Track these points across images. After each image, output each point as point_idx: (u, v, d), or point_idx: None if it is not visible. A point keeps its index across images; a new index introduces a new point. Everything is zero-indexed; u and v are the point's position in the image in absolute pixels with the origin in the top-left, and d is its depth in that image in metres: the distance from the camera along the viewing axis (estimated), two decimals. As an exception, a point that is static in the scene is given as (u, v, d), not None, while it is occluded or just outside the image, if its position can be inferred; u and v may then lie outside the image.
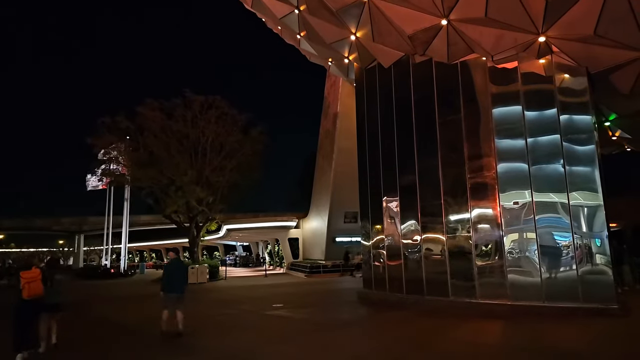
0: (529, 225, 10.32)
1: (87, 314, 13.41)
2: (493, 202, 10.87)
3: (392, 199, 13.23)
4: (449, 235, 11.56)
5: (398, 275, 12.69)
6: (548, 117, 10.45)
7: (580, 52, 10.01)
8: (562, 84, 10.48)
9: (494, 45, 10.72)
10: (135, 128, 28.09)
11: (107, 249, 44.21)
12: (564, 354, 6.58)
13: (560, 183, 10.10)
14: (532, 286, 10.07)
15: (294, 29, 14.72)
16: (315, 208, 36.55)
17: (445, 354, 6.93)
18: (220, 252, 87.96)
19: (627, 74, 10.37)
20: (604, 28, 8.94)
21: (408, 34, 11.53)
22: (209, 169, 28.01)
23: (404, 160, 12.89)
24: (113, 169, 31.32)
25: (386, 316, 10.93)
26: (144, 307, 15.34)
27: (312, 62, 18.19)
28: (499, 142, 10.95)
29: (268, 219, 43.30)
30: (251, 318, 11.59)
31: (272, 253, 52.88)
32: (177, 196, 27.21)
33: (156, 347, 8.11)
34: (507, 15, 9.62)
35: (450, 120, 11.86)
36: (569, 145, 10.18)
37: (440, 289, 11.43)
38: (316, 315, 11.72)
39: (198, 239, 30.03)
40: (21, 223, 60.81)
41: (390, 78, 13.59)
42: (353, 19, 12.29)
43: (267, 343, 8.02)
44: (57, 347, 7.83)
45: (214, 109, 27.66)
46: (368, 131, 14.58)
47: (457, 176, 11.51)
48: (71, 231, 64.86)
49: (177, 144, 27.50)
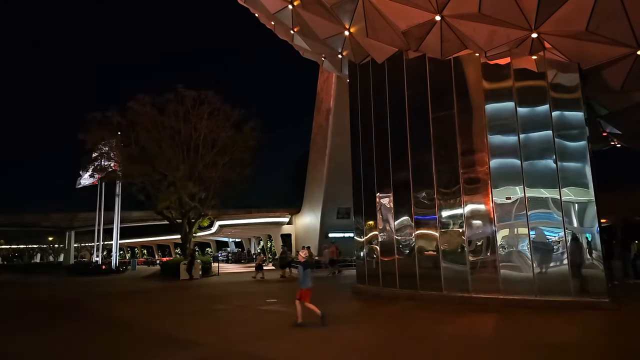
0: (521, 221, 10.43)
1: (80, 308, 13.35)
2: (486, 197, 10.95)
3: (386, 195, 13.28)
4: (442, 230, 11.64)
5: (391, 270, 12.76)
6: (540, 113, 10.54)
7: (572, 49, 10.09)
8: (554, 80, 10.56)
9: (487, 41, 10.77)
10: (126, 123, 27.84)
11: (98, 245, 43.83)
12: (556, 346, 6.66)
13: (552, 179, 10.20)
14: (524, 280, 10.19)
15: (288, 25, 14.65)
16: (308, 204, 36.59)
17: (439, 347, 6.98)
18: (212, 249, 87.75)
19: (618, 70, 10.47)
20: (596, 24, 9.02)
21: (402, 29, 11.53)
22: (202, 165, 27.86)
23: (397, 155, 12.93)
24: (104, 165, 31.03)
25: (380, 310, 10.98)
26: (137, 302, 15.27)
27: (306, 57, 18.14)
28: (491, 138, 11.03)
29: (261, 215, 43.30)
30: (245, 313, 11.59)
31: (264, 249, 52.84)
32: (169, 192, 27.05)
33: (152, 342, 8.09)
34: (500, 11, 9.66)
35: (443, 116, 11.91)
36: (561, 141, 10.28)
37: (434, 283, 11.52)
38: (309, 310, 11.71)
39: (190, 235, 29.87)
40: (10, 219, 60.05)
41: (384, 74, 13.60)
42: (347, 15, 12.26)
43: (262, 338, 8.03)
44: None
45: (206, 104, 27.48)
46: (361, 127, 14.59)
47: (451, 172, 11.59)
48: (61, 227, 64.12)
49: (169, 140, 27.31)
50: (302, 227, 38.94)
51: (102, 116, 27.72)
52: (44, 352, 7.69)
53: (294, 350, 7.09)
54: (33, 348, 8.04)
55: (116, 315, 11.93)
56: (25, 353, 7.70)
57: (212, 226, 46.92)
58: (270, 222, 42.37)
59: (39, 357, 7.46)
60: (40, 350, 7.82)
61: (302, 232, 38.16)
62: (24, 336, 9.22)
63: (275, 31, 16.94)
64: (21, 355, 7.59)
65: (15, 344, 8.50)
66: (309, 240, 34.53)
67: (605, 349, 6.54)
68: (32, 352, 7.73)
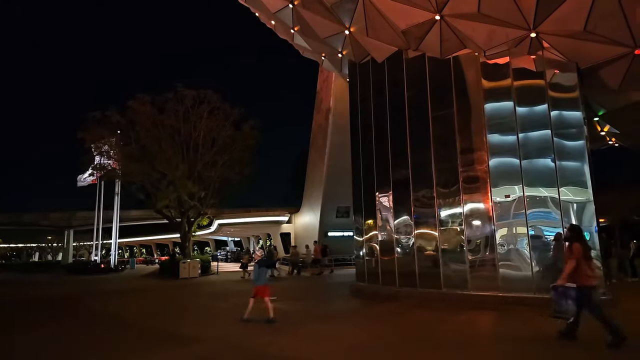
0: (520, 220, 10.49)
1: (78, 307, 13.38)
2: (485, 196, 11.01)
3: (385, 194, 13.33)
4: (441, 229, 11.70)
5: (391, 268, 12.81)
6: (539, 112, 10.60)
7: (571, 48, 10.16)
8: (552, 80, 10.63)
9: (486, 41, 10.83)
10: (126, 122, 27.83)
11: (97, 244, 43.82)
12: (554, 341, 6.72)
13: (551, 178, 10.27)
14: (522, 278, 10.26)
15: (288, 24, 14.70)
16: (308, 203, 36.62)
17: (438, 343, 7.04)
18: (211, 248, 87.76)
19: (615, 70, 10.54)
20: (594, 24, 9.09)
21: (401, 29, 11.59)
22: (201, 164, 27.86)
23: (397, 154, 12.98)
24: (104, 163, 31.04)
25: (379, 308, 11.04)
26: (135, 300, 15.31)
27: (306, 56, 18.18)
28: (490, 137, 11.08)
29: (260, 214, 43.33)
30: (244, 310, 11.61)
31: (263, 248, 52.84)
32: (168, 191, 27.05)
33: (151, 338, 8.14)
34: (499, 10, 9.74)
35: (442, 115, 11.97)
36: (559, 140, 10.34)
37: (433, 281, 11.58)
38: (310, 308, 11.81)
39: (189, 234, 29.90)
40: (8, 218, 60.00)
41: (384, 73, 13.65)
42: (347, 14, 12.32)
43: (261, 334, 8.07)
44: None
45: (205, 103, 27.48)
46: (361, 126, 14.64)
47: (450, 171, 11.64)
48: (60, 226, 64.11)
49: (168, 139, 27.31)
50: (301, 226, 38.95)
51: (101, 115, 27.74)
52: (42, 350, 7.73)
53: (294, 346, 7.14)
54: (29, 346, 8.07)
55: (115, 313, 11.97)
56: (21, 351, 7.74)
57: (212, 225, 46.96)
58: (269, 220, 42.40)
59: (37, 356, 7.49)
60: (36, 348, 7.86)
61: (302, 231, 38.17)
62: (21, 335, 9.24)
63: (275, 30, 16.99)
64: (17, 352, 7.63)
65: (12, 342, 8.53)
66: (308, 239, 34.56)
67: (601, 345, 6.60)
68: (28, 351, 7.77)
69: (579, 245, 6.54)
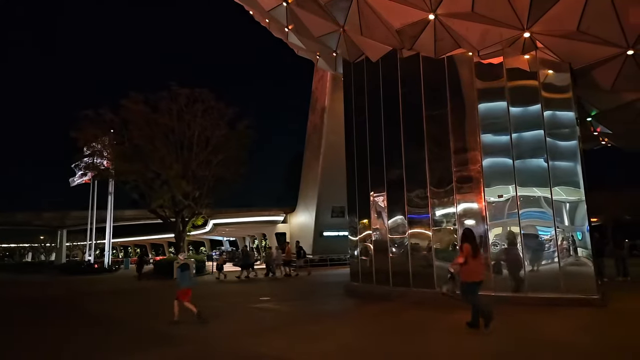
0: (513, 219, 10.51)
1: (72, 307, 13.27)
2: (478, 196, 11.02)
3: (380, 194, 13.31)
4: (435, 228, 11.70)
5: (385, 268, 12.79)
6: (532, 112, 10.62)
7: (564, 48, 10.18)
8: (545, 80, 10.65)
9: (480, 41, 10.84)
10: (119, 121, 27.67)
11: (90, 244, 43.55)
12: (547, 341, 6.73)
13: (544, 177, 10.29)
14: (515, 278, 10.27)
15: (282, 22, 14.64)
16: (303, 203, 36.61)
17: (431, 343, 7.03)
18: (206, 247, 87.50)
19: (608, 70, 10.58)
20: (587, 24, 9.11)
21: (396, 28, 11.57)
22: (195, 163, 27.76)
23: (391, 154, 12.97)
24: (97, 163, 30.83)
25: (373, 308, 11.02)
26: (128, 300, 15.22)
27: (300, 55, 18.14)
28: (484, 137, 11.09)
29: (255, 214, 43.30)
30: (238, 310, 11.59)
31: (258, 248, 52.76)
32: (162, 190, 26.94)
33: (143, 338, 8.07)
34: (493, 10, 9.73)
35: (437, 114, 11.97)
36: (552, 140, 10.36)
37: (426, 281, 11.57)
38: (303, 307, 11.78)
39: (184, 234, 29.77)
40: (1, 217, 59.52)
41: (378, 72, 13.63)
42: (341, 13, 12.27)
43: (254, 334, 8.04)
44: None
45: (200, 102, 27.38)
46: (356, 125, 14.61)
47: (444, 170, 11.65)
48: (53, 226, 63.74)
49: (162, 138, 27.18)
50: (296, 226, 38.94)
51: (94, 114, 27.56)
52: (35, 349, 7.66)
53: (286, 346, 7.11)
54: (24, 345, 8.00)
55: (108, 313, 11.88)
56: (16, 349, 7.66)
57: (207, 225, 46.79)
58: (264, 220, 42.35)
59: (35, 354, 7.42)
60: (31, 347, 7.79)
61: (297, 231, 38.16)
62: (14, 335, 9.16)
63: (269, 29, 16.93)
64: (12, 351, 7.55)
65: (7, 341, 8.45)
66: (304, 239, 34.56)
67: (594, 344, 6.63)
68: (25, 350, 7.69)
69: (468, 246, 7.36)
